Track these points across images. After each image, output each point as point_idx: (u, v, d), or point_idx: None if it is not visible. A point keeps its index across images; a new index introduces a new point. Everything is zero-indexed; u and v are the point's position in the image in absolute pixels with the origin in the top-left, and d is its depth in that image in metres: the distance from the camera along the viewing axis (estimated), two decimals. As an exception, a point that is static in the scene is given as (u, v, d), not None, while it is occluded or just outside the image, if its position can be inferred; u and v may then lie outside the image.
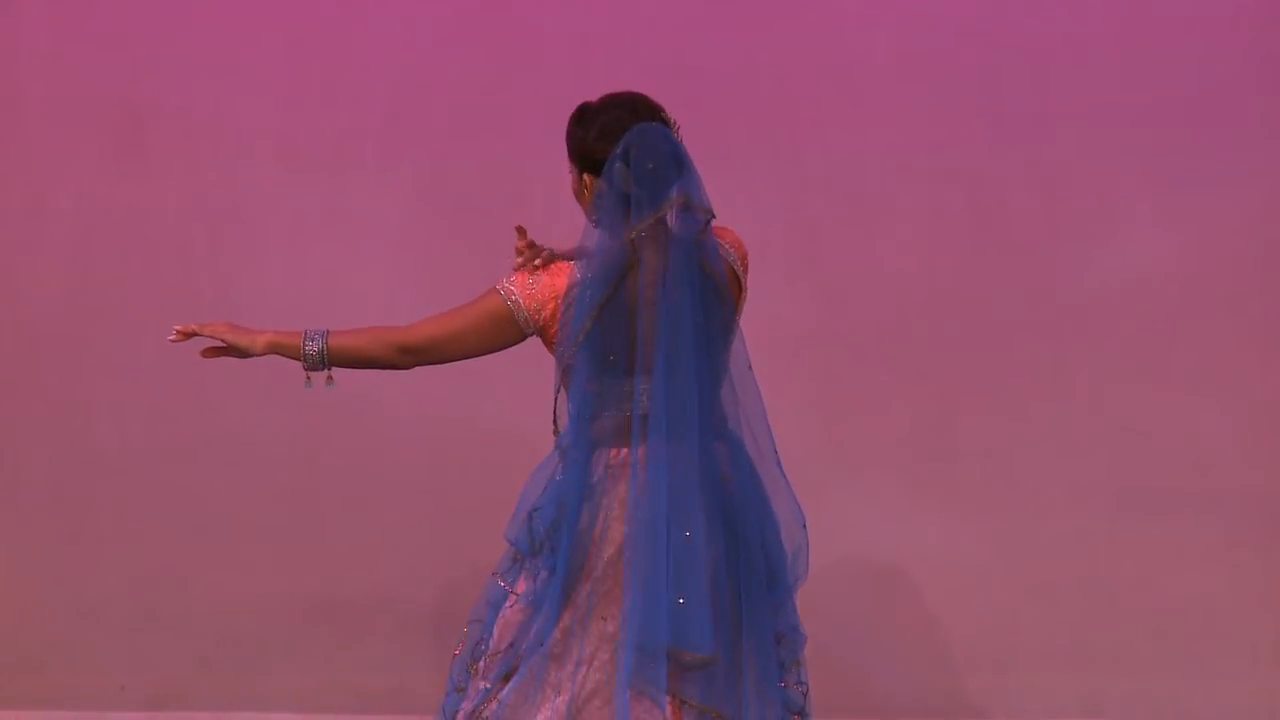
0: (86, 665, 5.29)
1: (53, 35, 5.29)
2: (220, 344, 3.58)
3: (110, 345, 5.29)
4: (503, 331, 3.43)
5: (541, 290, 3.41)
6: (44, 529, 5.31)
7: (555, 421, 3.46)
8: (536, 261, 3.44)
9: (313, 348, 3.51)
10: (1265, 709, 5.27)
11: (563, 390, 3.44)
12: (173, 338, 3.58)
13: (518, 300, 3.42)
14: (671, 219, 3.38)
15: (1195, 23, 5.29)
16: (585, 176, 3.46)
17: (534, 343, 3.53)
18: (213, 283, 5.30)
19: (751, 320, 3.92)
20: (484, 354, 3.47)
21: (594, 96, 3.52)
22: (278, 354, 3.55)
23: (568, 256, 3.50)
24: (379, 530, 5.29)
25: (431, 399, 5.24)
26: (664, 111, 3.46)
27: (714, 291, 3.43)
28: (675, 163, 3.38)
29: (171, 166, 5.29)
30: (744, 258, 3.54)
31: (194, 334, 3.56)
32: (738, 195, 5.23)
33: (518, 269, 3.46)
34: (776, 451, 3.52)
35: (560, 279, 3.41)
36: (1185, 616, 5.30)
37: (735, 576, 3.42)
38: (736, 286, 3.51)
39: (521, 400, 4.32)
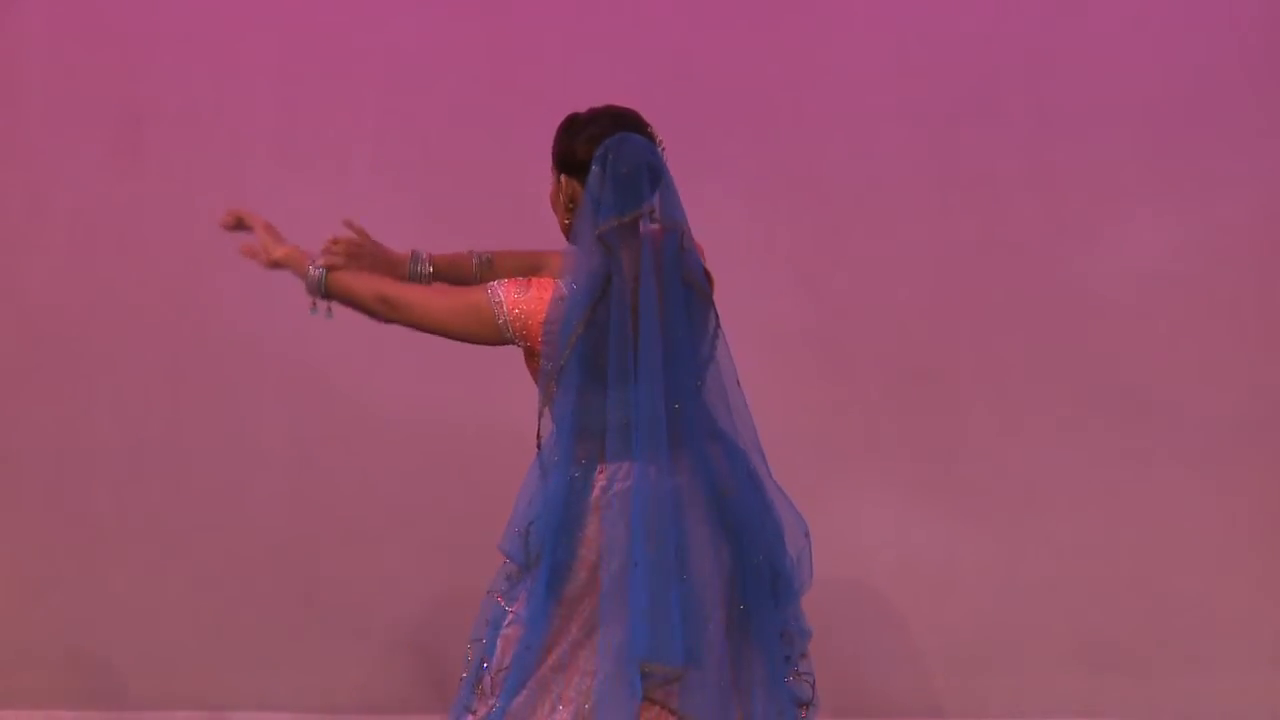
0: (87, 664, 5.29)
1: (52, 35, 5.29)
2: (254, 239, 3.68)
3: (111, 345, 5.28)
4: (478, 323, 3.45)
5: (528, 301, 3.41)
6: (43, 528, 5.30)
7: (539, 439, 3.46)
8: (340, 261, 3.60)
9: (315, 273, 3.61)
10: (1266, 709, 5.27)
11: (546, 409, 3.44)
12: (223, 220, 3.73)
13: (502, 303, 3.42)
14: (643, 228, 3.39)
15: (1194, 23, 5.28)
16: (563, 178, 3.47)
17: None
18: (212, 282, 5.30)
19: (752, 320, 3.94)
20: (455, 338, 3.49)
21: (592, 97, 3.54)
22: (287, 268, 3.66)
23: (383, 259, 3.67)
24: (378, 530, 5.29)
25: (432, 400, 5.24)
26: (650, 128, 3.47)
27: (695, 300, 3.42)
28: (649, 173, 3.38)
29: (170, 166, 5.29)
30: (702, 252, 3.54)
31: (240, 221, 3.70)
32: (738, 195, 5.25)
33: (325, 262, 3.60)
34: (768, 465, 3.51)
35: (546, 292, 3.41)
36: (1185, 616, 5.30)
37: (737, 581, 3.41)
38: (710, 283, 3.51)
39: (522, 402, 4.32)
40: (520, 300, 3.42)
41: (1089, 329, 5.31)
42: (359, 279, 3.59)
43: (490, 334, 3.46)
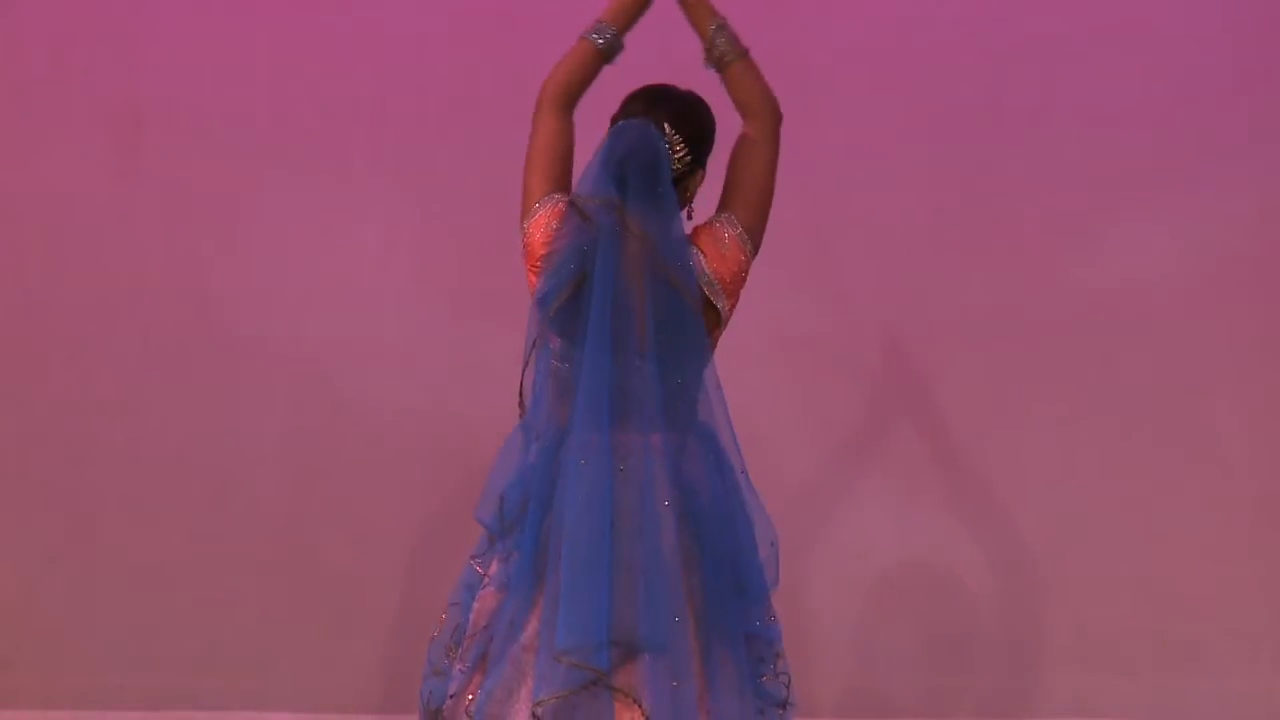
0: (85, 664, 5.28)
1: (51, 36, 5.29)
2: None
3: (108, 343, 5.28)
4: (523, 204, 3.45)
5: (540, 235, 3.38)
6: (42, 528, 5.29)
7: (520, 395, 3.41)
8: None
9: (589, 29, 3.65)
10: (1264, 708, 5.27)
11: (531, 361, 3.37)
12: None
13: (534, 217, 3.39)
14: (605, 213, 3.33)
15: (1192, 26, 5.29)
16: None
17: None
18: (209, 281, 5.30)
19: (753, 320, 3.91)
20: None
21: (586, 94, 3.54)
22: None
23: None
24: (376, 529, 5.28)
25: (426, 398, 5.24)
26: (683, 117, 3.41)
27: (668, 295, 3.34)
28: (618, 167, 3.31)
29: (169, 166, 5.29)
30: (725, 280, 3.43)
31: None
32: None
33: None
34: (746, 472, 3.46)
35: (549, 242, 3.37)
36: (1184, 616, 5.29)
37: (701, 575, 3.34)
38: (711, 311, 3.40)
39: (515, 399, 4.31)
40: (540, 228, 3.38)
41: (1087, 329, 5.31)
42: (574, 64, 3.58)
43: (526, 205, 3.44)
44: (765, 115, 3.52)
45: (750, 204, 3.47)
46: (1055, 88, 5.29)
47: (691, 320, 3.34)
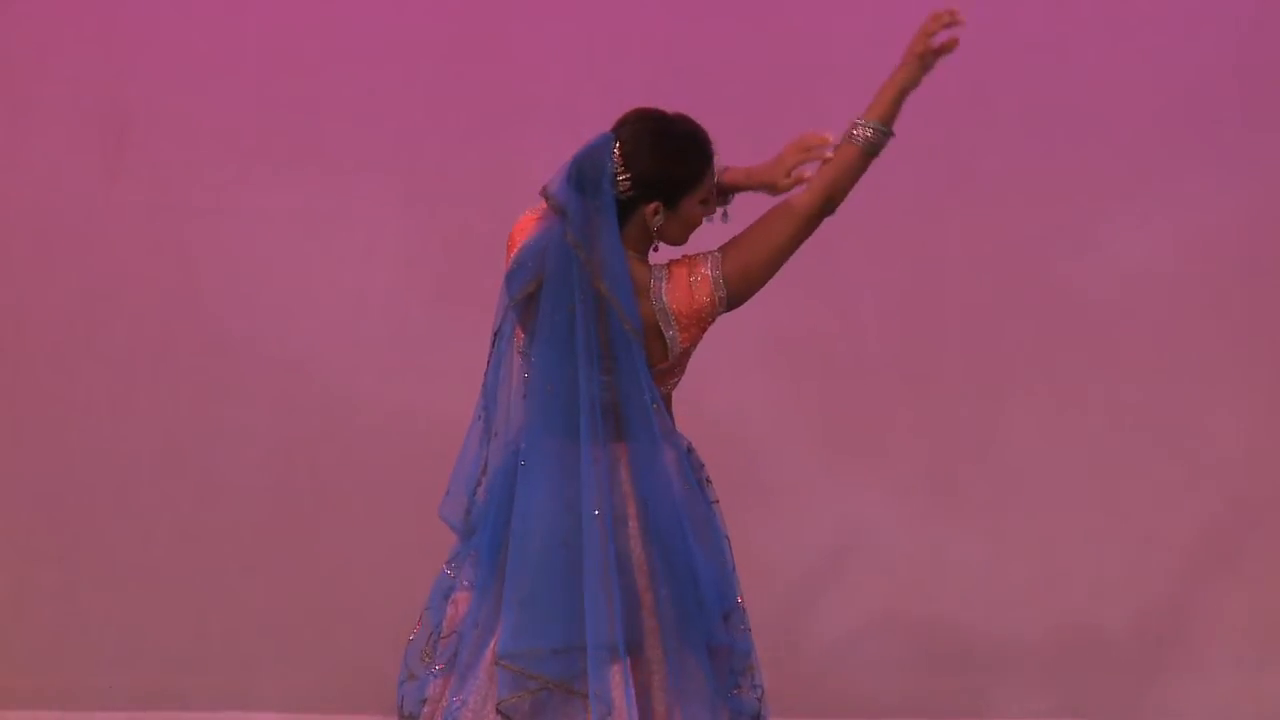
0: (73, 665, 5.29)
1: (37, 39, 5.31)
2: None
3: (96, 345, 5.30)
4: None
5: (520, 230, 3.40)
6: (29, 529, 5.30)
7: (485, 384, 3.38)
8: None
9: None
10: (1261, 709, 5.27)
11: (494, 352, 3.37)
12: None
13: (531, 207, 3.39)
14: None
15: (1180, 24, 5.30)
16: None
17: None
18: (198, 282, 5.30)
19: (749, 320, 3.90)
20: None
21: (574, 95, 3.54)
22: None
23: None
24: (365, 530, 5.30)
25: (413, 396, 5.25)
26: (636, 146, 3.34)
27: (603, 309, 3.31)
28: (570, 169, 3.30)
29: (155, 167, 5.31)
30: (681, 314, 3.36)
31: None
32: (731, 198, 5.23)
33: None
34: (703, 487, 3.43)
35: (525, 240, 3.37)
36: (1178, 617, 5.31)
37: (662, 592, 3.31)
38: (659, 338, 3.36)
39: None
40: (522, 224, 3.40)
41: (1077, 329, 5.33)
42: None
43: None
44: (819, 199, 3.44)
45: (744, 261, 3.41)
46: (1044, 89, 5.30)
47: (626, 335, 3.32)
